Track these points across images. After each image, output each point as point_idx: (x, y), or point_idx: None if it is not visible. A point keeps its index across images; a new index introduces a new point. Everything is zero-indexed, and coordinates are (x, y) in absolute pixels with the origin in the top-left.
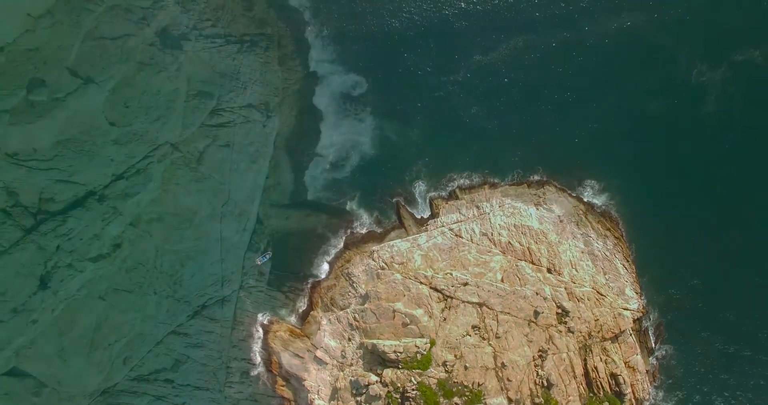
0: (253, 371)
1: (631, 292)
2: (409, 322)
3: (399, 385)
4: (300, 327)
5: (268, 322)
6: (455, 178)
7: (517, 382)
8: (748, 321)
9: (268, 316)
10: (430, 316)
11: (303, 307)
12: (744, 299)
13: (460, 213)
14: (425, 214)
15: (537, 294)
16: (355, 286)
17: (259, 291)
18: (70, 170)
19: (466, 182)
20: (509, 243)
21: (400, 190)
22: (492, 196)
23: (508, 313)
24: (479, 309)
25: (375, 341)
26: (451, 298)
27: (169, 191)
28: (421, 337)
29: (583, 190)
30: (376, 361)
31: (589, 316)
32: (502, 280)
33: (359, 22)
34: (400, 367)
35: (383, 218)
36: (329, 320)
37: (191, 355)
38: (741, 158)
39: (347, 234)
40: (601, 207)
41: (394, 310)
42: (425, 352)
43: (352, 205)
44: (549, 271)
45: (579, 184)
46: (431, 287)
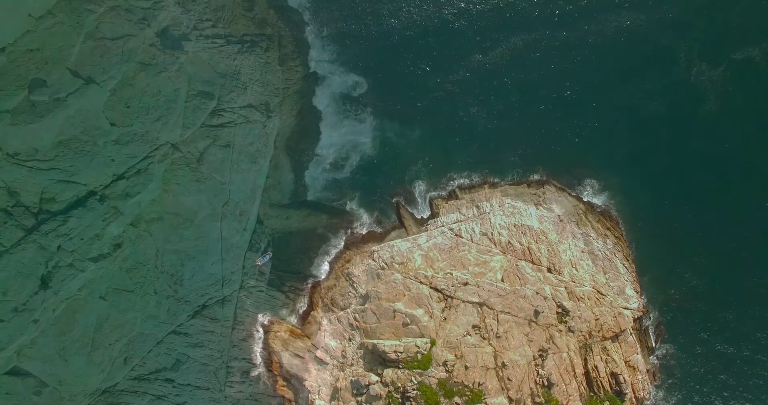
0: (254, 371)
1: (631, 292)
2: (409, 322)
3: (399, 385)
4: (300, 327)
5: (268, 323)
6: (455, 177)
7: (517, 381)
8: (748, 321)
9: (269, 317)
10: (431, 316)
11: (303, 308)
12: (744, 299)
13: (460, 213)
14: (425, 214)
15: (537, 293)
16: (355, 286)
17: (259, 291)
18: (71, 170)
19: (466, 182)
20: (509, 242)
21: (400, 190)
22: (492, 196)
23: (509, 313)
24: (479, 309)
25: (375, 341)
26: (452, 297)
27: (170, 191)
28: (422, 336)
29: (583, 190)
30: (377, 361)
31: (590, 316)
32: (503, 280)
33: (359, 23)
34: (401, 367)
35: (383, 218)
36: (330, 320)
37: (192, 354)
38: (741, 157)
39: (347, 234)
40: (601, 206)
41: (395, 310)
42: (426, 352)
43: (352, 205)
44: (549, 271)
45: (579, 184)
46: (431, 287)
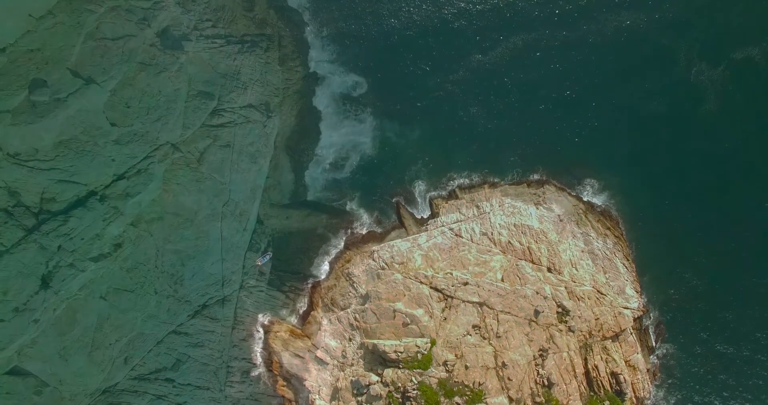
0: (254, 371)
1: (632, 291)
2: (409, 321)
3: (400, 385)
4: (300, 327)
5: (268, 322)
6: (455, 177)
7: (517, 381)
8: (748, 321)
9: (269, 316)
10: (431, 316)
11: (303, 308)
12: (744, 299)
13: (460, 212)
14: (425, 214)
15: (537, 293)
16: (355, 286)
17: (259, 291)
18: (71, 170)
19: (466, 182)
20: (509, 242)
21: (400, 190)
22: (492, 196)
23: (509, 313)
24: (480, 308)
25: (376, 341)
26: (452, 297)
27: (170, 191)
28: (422, 336)
29: (583, 189)
30: (377, 361)
31: (590, 315)
32: (503, 280)
33: (359, 23)
34: (401, 366)
35: (383, 218)
36: (330, 320)
37: (192, 354)
38: (741, 157)
39: (347, 234)
40: (601, 206)
41: (395, 310)
42: (426, 352)
43: (352, 205)
44: (549, 271)
45: (579, 183)
46: (432, 287)
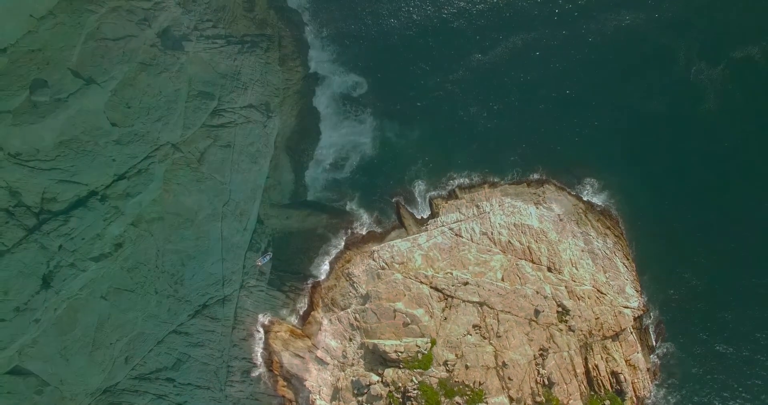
0: (254, 371)
1: (632, 291)
2: (409, 321)
3: (400, 385)
4: (301, 327)
5: (268, 322)
6: (455, 177)
7: (518, 381)
8: (747, 321)
9: (269, 316)
10: (431, 316)
11: (304, 308)
12: (743, 299)
13: (459, 212)
14: (425, 214)
15: (537, 293)
16: (355, 286)
17: (259, 291)
18: (72, 170)
19: (466, 181)
20: (509, 242)
21: (400, 190)
22: (492, 196)
23: (509, 312)
24: (480, 308)
25: (376, 341)
26: (452, 297)
27: (171, 191)
28: (422, 336)
29: (583, 189)
30: (377, 361)
31: (590, 315)
32: (503, 279)
33: (359, 23)
34: (401, 366)
35: (383, 218)
36: (330, 320)
37: (192, 354)
38: (741, 157)
39: (347, 234)
40: (601, 205)
41: (395, 310)
42: (426, 352)
43: (352, 206)
44: (549, 270)
45: (579, 183)
46: (432, 287)
